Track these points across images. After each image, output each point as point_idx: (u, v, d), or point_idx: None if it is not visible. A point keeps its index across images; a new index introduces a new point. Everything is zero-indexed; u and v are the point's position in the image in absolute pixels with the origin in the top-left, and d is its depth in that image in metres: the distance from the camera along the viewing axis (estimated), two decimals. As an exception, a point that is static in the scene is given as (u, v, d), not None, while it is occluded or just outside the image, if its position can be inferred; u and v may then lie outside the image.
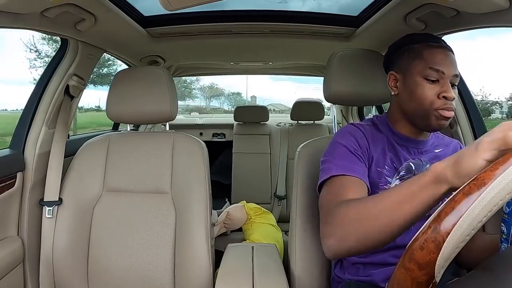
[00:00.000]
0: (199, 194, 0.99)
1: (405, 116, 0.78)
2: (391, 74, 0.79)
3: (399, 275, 0.36)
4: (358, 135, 0.77)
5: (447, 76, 0.71)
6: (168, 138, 1.07)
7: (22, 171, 1.03)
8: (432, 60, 0.71)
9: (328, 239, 0.62)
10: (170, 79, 1.07)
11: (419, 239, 0.35)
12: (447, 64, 0.71)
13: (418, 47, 0.74)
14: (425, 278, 0.34)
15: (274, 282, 0.79)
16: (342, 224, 0.59)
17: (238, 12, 1.22)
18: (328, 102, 1.04)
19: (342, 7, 1.23)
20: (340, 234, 0.59)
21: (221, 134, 2.66)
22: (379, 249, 0.76)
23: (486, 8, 0.75)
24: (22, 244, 1.01)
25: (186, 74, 2.59)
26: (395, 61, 0.79)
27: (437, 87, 0.71)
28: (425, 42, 0.74)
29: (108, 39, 1.20)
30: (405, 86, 0.76)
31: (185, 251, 0.96)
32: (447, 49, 0.73)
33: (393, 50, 0.81)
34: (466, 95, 1.10)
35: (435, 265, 0.33)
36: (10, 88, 12.74)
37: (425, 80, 0.71)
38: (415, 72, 0.73)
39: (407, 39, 0.78)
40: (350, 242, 0.57)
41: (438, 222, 0.34)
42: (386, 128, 0.81)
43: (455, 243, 0.33)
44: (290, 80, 13.87)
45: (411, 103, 0.74)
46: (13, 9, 0.76)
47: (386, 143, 0.79)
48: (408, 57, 0.75)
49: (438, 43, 0.74)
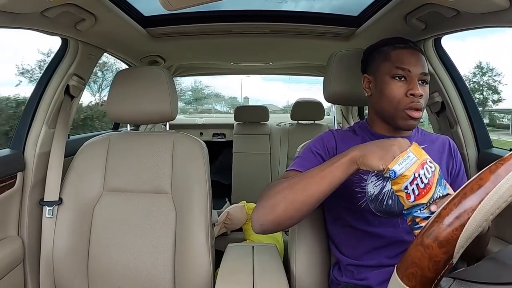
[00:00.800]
0: (199, 194, 0.99)
1: (379, 116, 0.81)
2: (364, 76, 0.83)
3: (415, 253, 0.34)
4: (327, 138, 0.83)
5: (414, 74, 0.74)
6: (168, 138, 1.07)
7: (22, 171, 1.03)
8: (399, 59, 0.75)
9: (257, 210, 0.70)
10: (170, 79, 1.07)
11: (441, 214, 0.34)
12: (412, 62, 0.74)
13: (386, 50, 0.78)
14: (443, 257, 0.33)
15: (274, 282, 0.79)
16: (273, 196, 0.68)
17: (238, 12, 1.22)
18: (328, 102, 1.05)
19: (342, 7, 1.23)
20: (270, 204, 0.68)
21: (221, 134, 2.66)
22: (371, 251, 0.78)
23: (486, 8, 0.75)
24: (22, 244, 1.01)
25: (186, 74, 2.59)
26: (368, 65, 0.83)
27: (404, 85, 0.74)
28: (392, 45, 0.78)
29: (108, 39, 1.20)
30: (376, 86, 0.80)
31: (185, 251, 0.96)
32: (414, 49, 0.77)
33: (366, 55, 0.85)
34: (466, 95, 1.10)
35: (456, 243, 0.32)
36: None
37: (393, 79, 0.75)
38: (384, 72, 0.77)
39: (379, 43, 0.82)
40: (279, 210, 0.66)
41: (463, 198, 0.33)
42: (365, 130, 0.84)
43: (479, 221, 0.32)
44: (280, 81, 13.79)
45: (381, 103, 0.77)
46: (13, 9, 0.76)
47: (359, 142, 0.81)
48: (378, 59, 0.79)
49: (405, 45, 0.77)
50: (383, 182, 0.77)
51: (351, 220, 0.80)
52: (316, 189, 0.64)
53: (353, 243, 0.81)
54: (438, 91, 1.12)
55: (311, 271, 0.87)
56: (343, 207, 0.82)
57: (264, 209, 0.68)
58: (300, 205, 0.65)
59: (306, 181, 0.65)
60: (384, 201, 0.76)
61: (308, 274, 0.86)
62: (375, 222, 0.77)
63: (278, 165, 2.19)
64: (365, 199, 0.78)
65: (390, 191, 0.76)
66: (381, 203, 0.76)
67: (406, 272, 0.35)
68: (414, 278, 0.34)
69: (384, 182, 0.77)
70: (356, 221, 0.80)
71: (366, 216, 0.78)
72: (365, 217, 0.78)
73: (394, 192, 0.75)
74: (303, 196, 0.65)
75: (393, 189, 0.59)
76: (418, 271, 0.34)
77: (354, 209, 0.79)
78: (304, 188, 0.65)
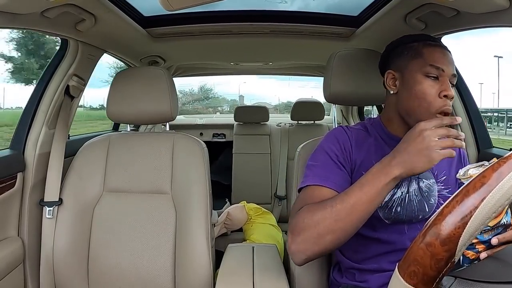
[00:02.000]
0: (199, 194, 0.99)
1: (401, 116, 0.76)
2: (389, 73, 0.77)
3: (417, 251, 0.34)
4: (343, 139, 0.78)
5: (446, 74, 0.70)
6: (168, 138, 1.07)
7: (23, 172, 1.03)
8: (432, 58, 0.71)
9: (298, 244, 0.65)
10: (170, 79, 1.07)
11: (443, 212, 0.33)
12: (446, 62, 0.71)
13: (417, 46, 0.74)
14: (445, 255, 0.33)
15: (274, 282, 0.79)
16: (314, 226, 0.63)
17: (238, 12, 1.22)
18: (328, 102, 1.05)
19: (342, 7, 1.23)
20: (313, 237, 0.63)
21: (221, 134, 2.66)
22: (374, 256, 0.76)
23: (486, 8, 0.75)
24: (23, 244, 1.01)
25: (186, 74, 2.59)
26: (393, 60, 0.78)
27: (437, 84, 0.70)
28: (422, 41, 0.74)
29: (108, 39, 1.20)
30: (404, 84, 0.74)
31: (185, 251, 0.96)
32: (445, 49, 0.74)
33: (390, 50, 0.80)
34: (466, 95, 1.10)
35: (459, 241, 0.32)
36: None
37: (425, 77, 0.70)
38: (415, 69, 0.72)
39: (406, 39, 0.78)
40: (326, 243, 0.63)
41: (466, 195, 0.33)
42: (378, 129, 0.80)
43: (481, 219, 0.32)
44: (274, 79, 13.99)
45: (411, 101, 0.72)
46: (13, 9, 0.76)
47: (373, 145, 0.78)
48: (407, 55, 0.74)
49: (437, 43, 0.74)
50: (394, 189, 0.75)
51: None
52: (363, 215, 0.62)
53: (357, 248, 0.78)
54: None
55: (311, 271, 0.87)
56: None
57: (307, 244, 0.64)
58: (349, 233, 0.63)
59: (351, 208, 0.61)
60: (393, 208, 0.75)
61: (308, 275, 0.86)
62: (381, 228, 0.76)
63: (278, 165, 2.19)
64: None
65: (400, 198, 0.75)
66: (390, 210, 0.75)
67: (408, 270, 0.35)
68: (416, 276, 0.34)
69: (395, 188, 0.74)
70: (362, 226, 0.77)
71: (372, 222, 0.75)
72: (372, 222, 0.75)
73: (403, 199, 0.74)
74: (351, 225, 0.62)
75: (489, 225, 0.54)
76: (420, 269, 0.33)
77: None
78: (350, 216, 0.61)
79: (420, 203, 0.75)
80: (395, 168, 0.60)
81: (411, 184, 0.76)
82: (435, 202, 0.76)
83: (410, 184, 0.76)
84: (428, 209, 0.76)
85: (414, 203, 0.75)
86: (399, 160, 0.60)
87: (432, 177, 0.77)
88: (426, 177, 0.77)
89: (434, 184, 0.77)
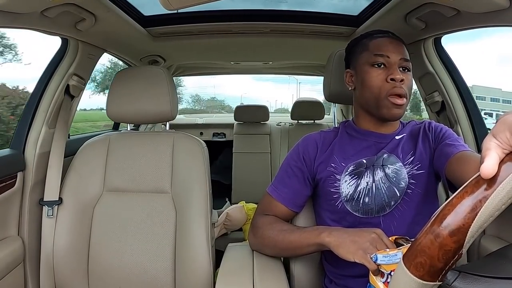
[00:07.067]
0: (199, 194, 0.99)
1: (364, 109, 0.80)
2: (347, 72, 0.83)
3: (424, 242, 0.33)
4: (304, 144, 0.84)
5: (393, 60, 0.73)
6: (168, 138, 1.07)
7: (23, 171, 1.03)
8: (377, 48, 0.75)
9: (250, 238, 0.86)
10: (170, 79, 1.07)
11: (453, 202, 0.33)
12: (390, 49, 0.74)
13: (365, 41, 0.78)
14: (454, 246, 0.32)
15: (274, 282, 0.78)
16: (260, 237, 0.82)
17: (239, 12, 1.22)
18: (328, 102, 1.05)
19: (342, 7, 1.23)
20: (259, 243, 0.84)
21: (221, 134, 2.66)
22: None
23: (486, 8, 0.75)
24: (23, 244, 1.01)
25: (186, 74, 2.59)
26: (349, 60, 0.83)
27: (384, 72, 0.74)
28: (371, 36, 0.78)
29: (108, 39, 1.20)
30: (357, 78, 0.79)
31: (185, 251, 0.96)
32: (392, 38, 0.77)
33: (347, 51, 0.85)
34: (466, 94, 1.10)
35: (468, 232, 0.31)
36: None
37: (372, 66, 0.75)
38: (363, 62, 0.77)
39: (357, 38, 0.82)
40: (267, 252, 0.84)
41: (476, 186, 0.32)
42: (349, 128, 0.84)
43: (491, 210, 0.31)
44: (270, 81, 14.62)
45: (364, 93, 0.77)
46: (13, 9, 0.76)
47: (337, 143, 0.81)
48: (357, 51, 0.79)
49: (383, 34, 0.78)
50: (357, 180, 0.75)
51: (331, 222, 0.79)
52: (294, 252, 0.78)
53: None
54: (438, 90, 1.12)
55: (310, 271, 0.87)
56: (323, 208, 0.81)
57: (257, 245, 0.85)
58: (285, 255, 0.84)
59: (288, 244, 0.76)
60: (360, 200, 0.74)
61: (308, 274, 0.86)
62: (354, 225, 0.74)
63: (278, 164, 2.19)
64: (340, 199, 0.76)
65: (366, 189, 0.74)
66: (358, 202, 0.74)
67: (415, 261, 0.34)
68: (423, 268, 0.33)
69: (358, 180, 0.75)
70: (336, 223, 0.77)
71: (346, 218, 0.76)
72: (345, 219, 0.76)
73: (370, 189, 0.74)
74: (286, 253, 0.82)
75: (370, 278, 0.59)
76: (427, 260, 0.33)
77: (332, 210, 0.78)
78: (287, 247, 0.77)
79: (389, 190, 0.74)
80: (326, 235, 0.68)
81: (376, 173, 0.75)
82: (405, 184, 0.75)
83: (374, 173, 0.75)
84: (400, 193, 0.74)
85: (382, 191, 0.74)
86: (334, 233, 0.68)
87: (398, 161, 0.76)
88: (392, 163, 0.76)
89: (401, 167, 0.76)
